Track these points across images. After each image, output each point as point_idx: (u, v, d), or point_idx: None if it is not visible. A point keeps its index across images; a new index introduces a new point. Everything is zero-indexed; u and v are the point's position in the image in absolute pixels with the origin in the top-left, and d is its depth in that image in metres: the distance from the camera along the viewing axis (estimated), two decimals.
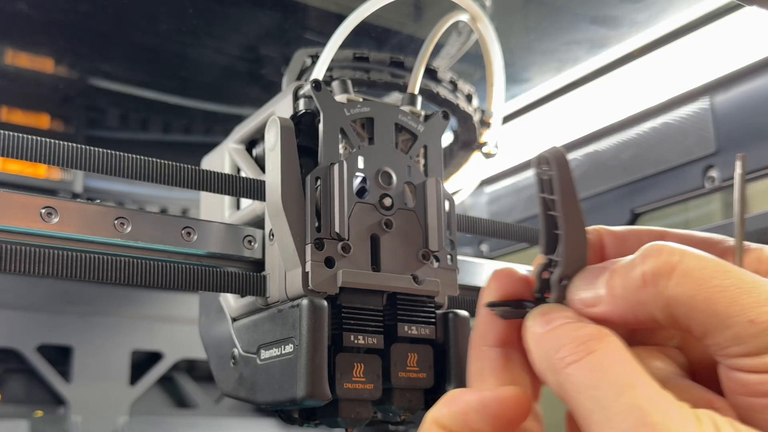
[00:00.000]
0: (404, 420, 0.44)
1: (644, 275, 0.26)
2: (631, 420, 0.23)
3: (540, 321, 0.28)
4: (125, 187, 0.91)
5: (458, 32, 0.65)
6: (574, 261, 0.29)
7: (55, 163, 0.39)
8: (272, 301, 0.44)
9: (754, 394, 0.25)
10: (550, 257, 0.29)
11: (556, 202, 0.28)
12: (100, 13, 0.67)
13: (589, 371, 0.25)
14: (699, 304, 0.25)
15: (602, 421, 0.24)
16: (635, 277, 0.26)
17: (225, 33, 0.71)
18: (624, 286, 0.27)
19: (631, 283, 0.26)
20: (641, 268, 0.26)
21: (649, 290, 0.26)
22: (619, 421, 0.24)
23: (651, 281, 0.26)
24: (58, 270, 0.38)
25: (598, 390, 0.25)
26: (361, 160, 0.44)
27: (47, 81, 0.78)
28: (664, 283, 0.25)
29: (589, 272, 0.29)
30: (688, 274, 0.25)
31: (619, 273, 0.27)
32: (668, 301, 0.25)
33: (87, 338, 0.89)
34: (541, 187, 0.29)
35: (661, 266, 0.26)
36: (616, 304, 0.27)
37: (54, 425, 0.85)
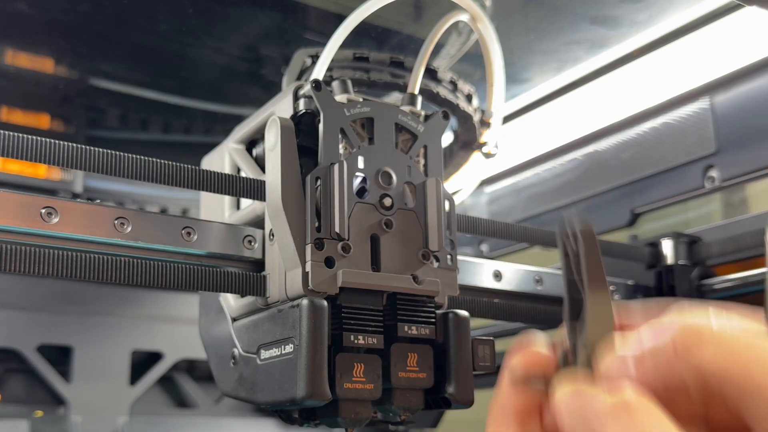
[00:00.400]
0: (404, 420, 0.44)
1: (675, 343, 0.26)
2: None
3: (571, 386, 0.28)
4: (125, 187, 0.91)
5: (458, 32, 0.65)
6: (600, 327, 0.28)
7: (55, 163, 0.39)
8: (272, 301, 0.44)
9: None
10: (573, 323, 0.29)
11: (583, 272, 0.28)
12: (100, 13, 0.68)
13: (628, 428, 0.25)
14: (734, 373, 0.24)
15: None
16: (666, 344, 0.26)
17: (225, 33, 0.71)
18: (655, 353, 0.26)
19: (663, 351, 0.26)
20: (671, 336, 0.26)
21: (681, 358, 0.25)
22: None
23: (682, 350, 0.25)
24: (58, 270, 0.38)
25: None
26: (361, 160, 0.44)
27: (47, 81, 0.78)
28: (697, 352, 0.25)
29: (616, 338, 0.28)
30: (721, 343, 0.25)
31: (650, 339, 0.27)
32: (701, 370, 0.25)
33: (87, 338, 0.89)
34: (565, 252, 0.29)
35: (693, 334, 0.25)
36: (645, 370, 0.27)
37: (54, 425, 0.85)
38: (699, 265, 0.68)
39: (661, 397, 0.27)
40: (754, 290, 0.64)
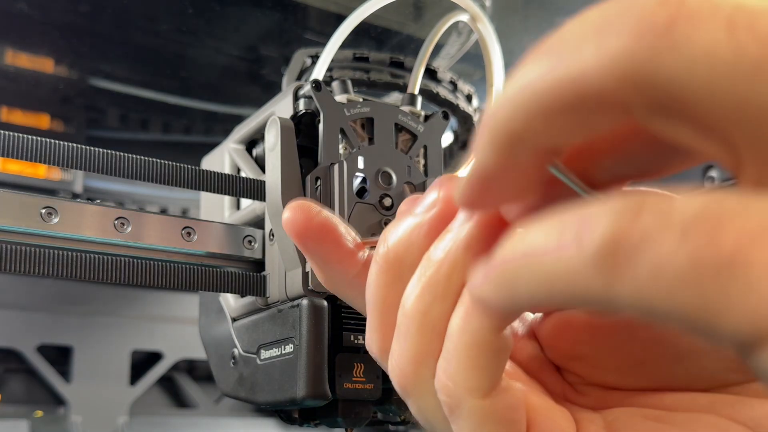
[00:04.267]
0: (404, 420, 0.44)
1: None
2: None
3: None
4: (125, 187, 0.91)
5: (458, 32, 0.65)
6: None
7: (55, 163, 0.39)
8: (272, 301, 0.44)
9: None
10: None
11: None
12: (100, 13, 0.67)
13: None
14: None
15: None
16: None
17: (225, 33, 0.71)
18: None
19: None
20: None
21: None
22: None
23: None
24: (58, 270, 0.38)
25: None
26: (361, 160, 0.44)
27: (47, 81, 0.78)
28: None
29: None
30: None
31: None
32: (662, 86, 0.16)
33: (87, 338, 0.89)
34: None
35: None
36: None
37: (54, 425, 0.85)
38: None
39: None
40: None
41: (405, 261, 0.24)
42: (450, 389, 0.22)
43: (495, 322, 0.21)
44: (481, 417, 0.22)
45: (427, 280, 0.23)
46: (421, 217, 0.24)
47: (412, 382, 0.24)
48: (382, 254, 0.25)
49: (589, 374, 0.26)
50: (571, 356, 0.27)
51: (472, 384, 0.22)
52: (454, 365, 0.22)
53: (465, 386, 0.22)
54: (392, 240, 0.25)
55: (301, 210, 0.27)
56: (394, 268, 0.25)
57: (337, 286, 0.28)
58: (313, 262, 0.28)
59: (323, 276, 0.28)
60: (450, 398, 0.22)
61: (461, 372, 0.22)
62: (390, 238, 0.25)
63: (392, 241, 0.25)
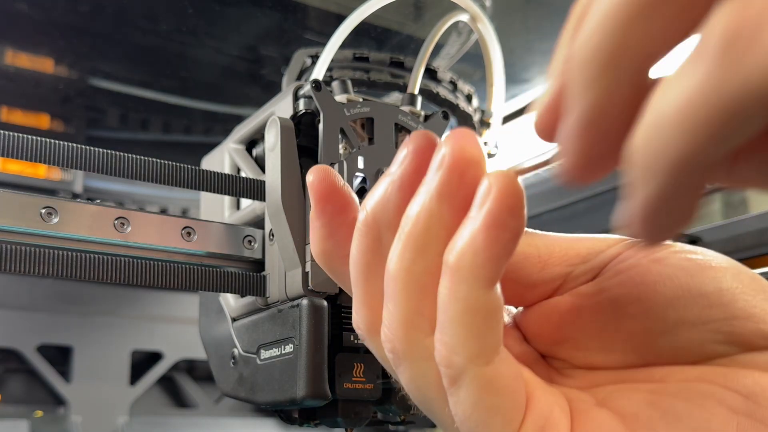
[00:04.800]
0: (404, 420, 0.44)
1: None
2: None
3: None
4: (125, 187, 0.91)
5: (458, 32, 0.65)
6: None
7: (55, 163, 0.39)
8: (272, 301, 0.44)
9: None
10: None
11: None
12: (100, 13, 0.68)
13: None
14: None
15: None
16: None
17: (225, 33, 0.71)
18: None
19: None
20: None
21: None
22: None
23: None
24: (58, 270, 0.38)
25: None
26: (361, 160, 0.44)
27: (47, 81, 0.78)
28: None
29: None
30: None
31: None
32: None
33: (87, 338, 0.89)
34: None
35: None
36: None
37: (54, 425, 0.85)
38: None
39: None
40: None
41: (383, 221, 0.24)
42: (451, 360, 0.22)
43: (483, 282, 0.21)
44: (484, 385, 0.22)
45: (406, 236, 0.23)
46: (393, 174, 0.24)
47: (404, 346, 0.23)
48: (362, 220, 0.25)
49: (575, 357, 0.26)
50: (555, 341, 0.26)
51: (473, 351, 0.21)
52: (451, 335, 0.22)
53: (466, 354, 0.21)
54: (370, 203, 0.24)
55: (328, 174, 0.26)
56: (373, 231, 0.24)
57: (334, 260, 0.27)
58: (320, 229, 0.27)
59: (324, 246, 0.27)
60: (451, 369, 0.22)
61: (460, 341, 0.21)
62: (368, 202, 0.25)
63: (370, 203, 0.24)
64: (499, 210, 0.21)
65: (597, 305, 0.25)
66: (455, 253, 0.21)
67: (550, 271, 0.26)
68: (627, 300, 0.25)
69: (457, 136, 0.22)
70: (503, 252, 0.21)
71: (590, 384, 0.25)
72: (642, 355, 0.25)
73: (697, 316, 0.24)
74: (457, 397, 0.22)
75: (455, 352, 0.22)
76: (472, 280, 0.21)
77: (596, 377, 0.25)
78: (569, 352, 0.26)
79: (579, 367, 0.26)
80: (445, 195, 0.22)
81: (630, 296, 0.25)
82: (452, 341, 0.22)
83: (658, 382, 0.24)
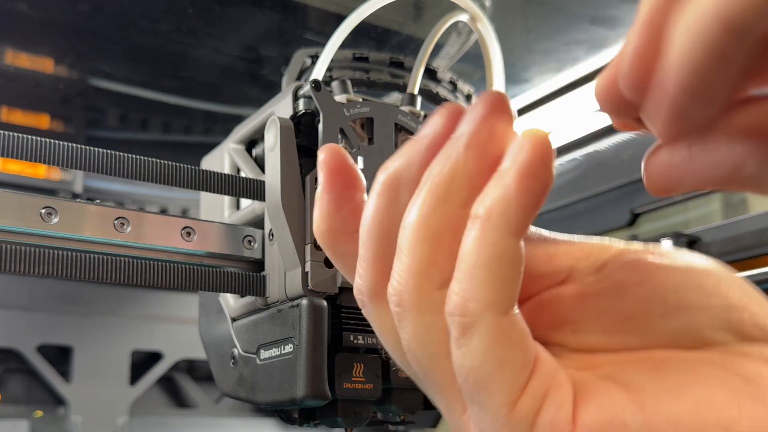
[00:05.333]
0: (404, 420, 0.44)
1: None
2: None
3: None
4: (125, 187, 0.91)
5: (458, 32, 0.65)
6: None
7: (55, 163, 0.39)
8: (272, 301, 0.44)
9: None
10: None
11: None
12: (100, 13, 0.68)
13: None
14: None
15: None
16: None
17: (225, 33, 0.71)
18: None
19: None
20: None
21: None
22: None
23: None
24: (58, 270, 0.38)
25: None
26: (361, 160, 0.44)
27: (47, 81, 0.78)
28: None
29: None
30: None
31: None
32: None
33: (87, 338, 0.89)
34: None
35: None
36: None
37: (54, 425, 0.85)
38: None
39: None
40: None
41: (405, 179, 0.24)
42: (467, 308, 0.22)
43: (513, 230, 0.21)
44: (498, 335, 0.22)
45: (429, 185, 0.23)
46: (422, 137, 0.24)
47: (413, 297, 0.23)
48: (383, 179, 0.25)
49: (573, 340, 0.26)
50: (554, 326, 0.26)
51: (492, 298, 0.22)
52: (472, 282, 0.22)
53: (485, 301, 0.21)
54: (393, 164, 0.25)
55: (340, 151, 0.27)
56: (393, 189, 0.24)
57: (338, 237, 0.27)
58: (329, 203, 0.27)
59: (330, 223, 0.27)
60: (466, 317, 0.22)
61: (481, 287, 0.21)
62: (391, 164, 0.25)
63: (393, 164, 0.25)
64: (534, 159, 0.21)
65: (600, 290, 0.26)
66: (488, 201, 0.22)
67: (556, 263, 0.26)
68: (630, 283, 0.25)
69: (489, 95, 0.23)
70: (534, 202, 0.21)
71: (589, 366, 0.25)
72: (642, 337, 0.25)
73: (696, 301, 0.24)
74: (467, 348, 0.22)
75: (473, 299, 0.22)
76: (503, 227, 0.21)
77: (595, 359, 0.26)
78: (567, 336, 0.26)
79: (577, 351, 0.26)
80: (473, 146, 0.22)
81: (633, 280, 0.25)
82: (472, 287, 0.22)
83: (659, 361, 0.25)
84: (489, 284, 0.22)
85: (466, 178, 0.23)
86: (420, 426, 0.97)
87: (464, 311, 0.22)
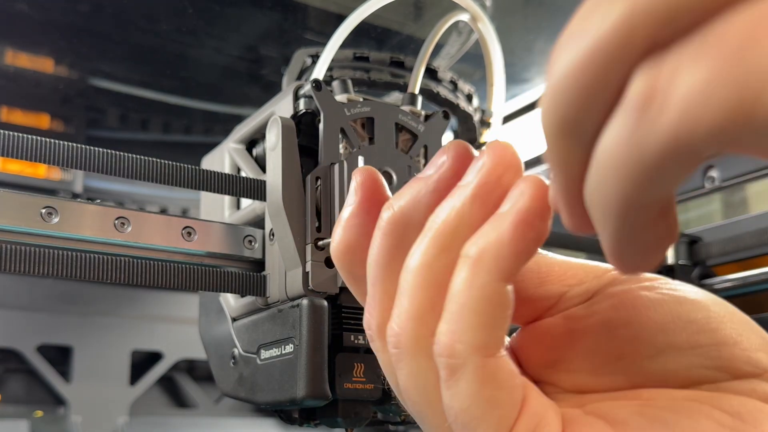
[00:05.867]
0: (404, 420, 0.44)
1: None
2: None
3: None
4: (125, 187, 0.91)
5: (458, 32, 0.65)
6: None
7: (55, 163, 0.39)
8: (272, 301, 0.44)
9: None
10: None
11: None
12: (100, 13, 0.68)
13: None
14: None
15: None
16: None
17: (225, 33, 0.71)
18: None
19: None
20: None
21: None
22: None
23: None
24: (58, 270, 0.38)
25: None
26: (362, 160, 0.43)
27: (47, 81, 0.78)
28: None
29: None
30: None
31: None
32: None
33: (87, 338, 0.89)
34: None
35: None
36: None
37: (54, 425, 0.85)
38: (699, 265, 0.68)
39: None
40: (754, 290, 0.64)
41: (411, 219, 0.24)
42: (454, 349, 0.22)
43: (503, 275, 0.22)
44: (486, 377, 0.22)
45: (434, 233, 0.23)
46: (428, 177, 0.24)
47: (410, 341, 0.24)
48: (388, 218, 0.25)
49: (565, 380, 0.27)
50: (547, 363, 0.27)
51: (480, 340, 0.22)
52: (460, 323, 0.22)
53: (473, 344, 0.22)
54: (399, 202, 0.25)
55: (377, 177, 0.27)
56: (400, 229, 0.24)
57: (355, 261, 0.26)
58: (354, 228, 0.26)
59: (351, 246, 0.26)
60: (454, 359, 0.22)
61: (469, 329, 0.22)
62: (396, 202, 0.25)
63: (399, 203, 0.25)
64: (531, 208, 0.21)
65: (588, 327, 0.26)
66: (479, 244, 0.22)
67: (548, 288, 0.26)
68: (618, 323, 0.25)
69: (497, 145, 0.23)
70: (526, 250, 0.22)
71: (579, 404, 0.26)
72: (631, 377, 0.25)
73: (685, 340, 0.24)
74: (455, 390, 0.22)
75: (460, 340, 0.22)
76: (494, 271, 0.21)
77: (585, 400, 0.26)
78: (560, 376, 0.27)
79: (569, 391, 0.27)
80: (479, 197, 0.23)
81: (621, 320, 0.25)
82: (459, 328, 0.22)
83: (646, 399, 0.25)
84: (477, 326, 0.22)
85: (470, 227, 0.23)
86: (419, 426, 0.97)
87: (452, 353, 0.22)
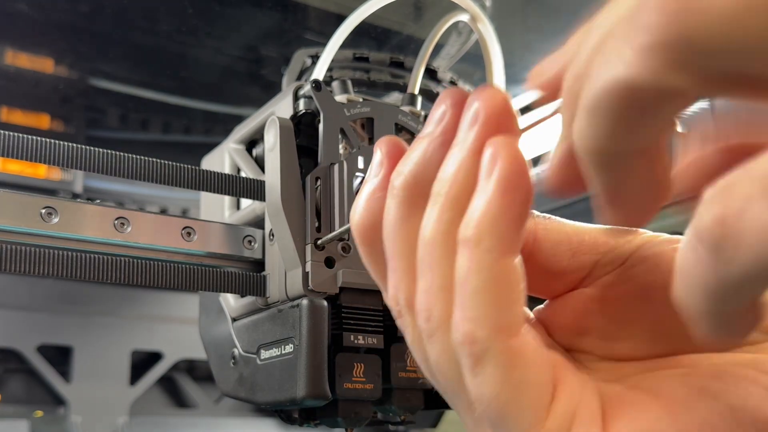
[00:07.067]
0: (404, 420, 0.44)
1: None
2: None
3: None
4: (125, 187, 0.91)
5: (458, 32, 0.65)
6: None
7: (55, 163, 0.39)
8: (272, 301, 0.44)
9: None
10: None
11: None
12: (100, 13, 0.68)
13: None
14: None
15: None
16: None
17: (225, 33, 0.71)
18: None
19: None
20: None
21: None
22: None
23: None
24: (58, 270, 0.38)
25: None
26: (361, 160, 0.43)
27: (47, 81, 0.78)
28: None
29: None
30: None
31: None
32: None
33: (87, 338, 0.89)
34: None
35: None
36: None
37: (54, 425, 0.85)
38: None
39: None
40: None
41: (424, 182, 0.23)
42: (475, 335, 0.21)
43: (507, 249, 0.21)
44: (512, 359, 0.21)
45: (444, 198, 0.22)
46: (432, 133, 0.23)
47: (439, 315, 0.22)
48: (399, 184, 0.23)
49: (601, 347, 0.25)
50: (580, 331, 0.26)
51: (499, 322, 0.21)
52: (475, 309, 0.21)
53: (492, 326, 0.21)
54: (407, 166, 0.23)
55: (399, 143, 0.25)
56: (413, 195, 0.23)
57: (378, 235, 0.25)
58: (377, 193, 0.25)
59: (373, 216, 0.25)
60: (476, 345, 0.21)
61: (485, 313, 0.21)
62: (405, 167, 0.23)
63: (408, 167, 0.23)
64: (511, 172, 0.20)
65: (623, 293, 0.25)
66: (474, 224, 0.21)
67: (580, 258, 0.25)
68: (653, 286, 0.24)
69: (485, 92, 0.22)
70: (520, 214, 0.21)
71: (618, 376, 0.25)
72: (669, 342, 0.24)
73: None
74: (483, 377, 0.21)
75: (480, 325, 0.21)
76: (496, 249, 0.20)
77: (623, 369, 0.25)
78: (595, 343, 0.26)
79: (605, 359, 0.25)
80: (480, 151, 0.21)
81: (655, 283, 0.24)
82: (476, 314, 0.21)
83: (687, 367, 0.24)
84: (494, 309, 0.21)
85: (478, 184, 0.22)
86: (420, 426, 0.97)
87: (473, 339, 0.21)
